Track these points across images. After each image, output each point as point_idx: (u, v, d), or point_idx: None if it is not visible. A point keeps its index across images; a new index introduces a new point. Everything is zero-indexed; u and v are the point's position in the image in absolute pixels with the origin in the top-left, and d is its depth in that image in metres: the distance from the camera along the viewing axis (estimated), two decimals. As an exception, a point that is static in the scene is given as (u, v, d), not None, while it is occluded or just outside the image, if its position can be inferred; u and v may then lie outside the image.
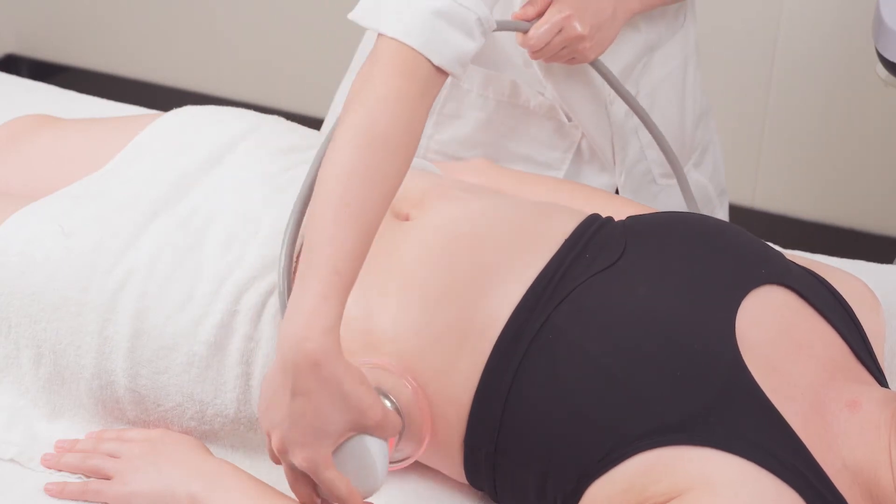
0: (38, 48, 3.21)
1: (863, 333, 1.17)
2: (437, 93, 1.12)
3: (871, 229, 2.57)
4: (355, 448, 1.04)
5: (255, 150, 1.34)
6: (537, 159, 1.52)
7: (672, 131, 1.53)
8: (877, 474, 1.06)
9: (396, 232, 1.22)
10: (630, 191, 1.56)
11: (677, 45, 1.54)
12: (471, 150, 1.52)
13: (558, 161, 1.51)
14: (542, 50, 1.35)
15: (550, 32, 1.33)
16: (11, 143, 1.49)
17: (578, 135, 1.50)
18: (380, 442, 1.05)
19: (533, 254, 1.17)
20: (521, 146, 1.51)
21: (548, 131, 1.50)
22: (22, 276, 1.24)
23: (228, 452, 1.23)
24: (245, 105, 1.61)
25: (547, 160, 1.51)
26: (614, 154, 1.52)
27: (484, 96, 1.49)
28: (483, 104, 1.49)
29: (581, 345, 1.09)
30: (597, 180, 1.53)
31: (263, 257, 1.22)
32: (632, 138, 1.53)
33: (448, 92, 1.50)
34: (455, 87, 1.49)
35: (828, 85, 2.45)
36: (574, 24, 1.33)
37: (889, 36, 1.45)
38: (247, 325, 1.19)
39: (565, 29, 1.33)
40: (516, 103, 1.49)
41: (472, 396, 1.12)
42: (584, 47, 1.35)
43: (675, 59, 1.54)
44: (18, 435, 1.25)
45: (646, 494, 1.02)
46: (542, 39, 1.34)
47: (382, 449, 1.06)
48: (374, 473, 1.06)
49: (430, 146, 1.53)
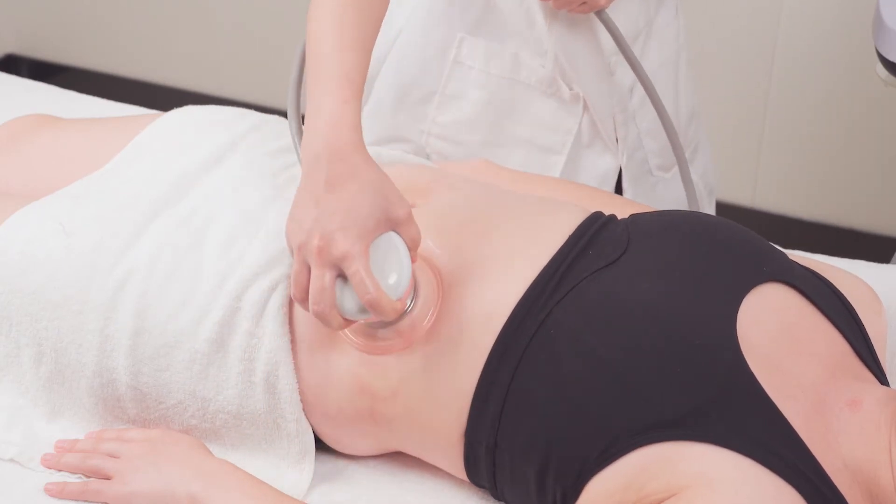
0: (38, 48, 3.21)
1: (864, 333, 1.17)
2: None
3: (871, 229, 2.57)
4: (382, 244, 1.06)
5: (256, 149, 1.34)
6: (538, 142, 1.51)
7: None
8: (877, 473, 1.06)
9: None
10: (630, 177, 1.55)
11: (671, 35, 1.55)
12: (472, 134, 1.52)
13: (559, 144, 1.51)
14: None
15: None
16: (11, 143, 1.49)
17: (580, 111, 1.50)
18: (404, 247, 1.08)
19: (537, 248, 1.18)
20: (522, 128, 1.51)
21: (549, 110, 1.50)
22: (23, 274, 1.24)
23: (229, 451, 1.23)
24: (245, 105, 1.61)
25: (548, 143, 1.51)
26: (616, 130, 1.52)
27: (486, 72, 1.49)
28: (485, 81, 1.50)
29: (582, 340, 1.09)
30: (599, 162, 1.53)
31: (265, 255, 1.22)
32: (630, 123, 1.53)
33: (450, 70, 1.50)
34: (457, 66, 1.49)
35: (828, 85, 2.45)
36: None
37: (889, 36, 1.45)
38: (249, 322, 1.19)
39: None
40: (517, 79, 1.49)
41: (474, 388, 1.12)
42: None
43: (668, 49, 1.55)
44: (18, 435, 1.25)
45: (645, 491, 1.02)
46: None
47: (406, 255, 1.08)
48: (401, 271, 1.07)
49: (432, 130, 1.53)
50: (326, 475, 1.23)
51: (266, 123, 1.40)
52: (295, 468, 1.22)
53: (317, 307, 1.06)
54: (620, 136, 1.53)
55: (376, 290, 1.05)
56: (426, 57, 1.50)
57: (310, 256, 1.05)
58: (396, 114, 1.54)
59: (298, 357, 1.19)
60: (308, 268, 1.07)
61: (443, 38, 1.49)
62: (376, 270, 1.06)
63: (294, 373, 1.19)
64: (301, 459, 1.21)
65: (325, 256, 1.05)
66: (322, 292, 1.06)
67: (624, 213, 1.27)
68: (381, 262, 1.07)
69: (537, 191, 1.37)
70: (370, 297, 1.05)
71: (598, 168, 1.54)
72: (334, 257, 1.05)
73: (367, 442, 1.22)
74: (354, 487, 1.22)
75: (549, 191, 1.38)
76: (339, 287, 1.07)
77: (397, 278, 1.07)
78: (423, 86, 1.52)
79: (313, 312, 1.07)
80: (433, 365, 1.14)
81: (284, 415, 1.20)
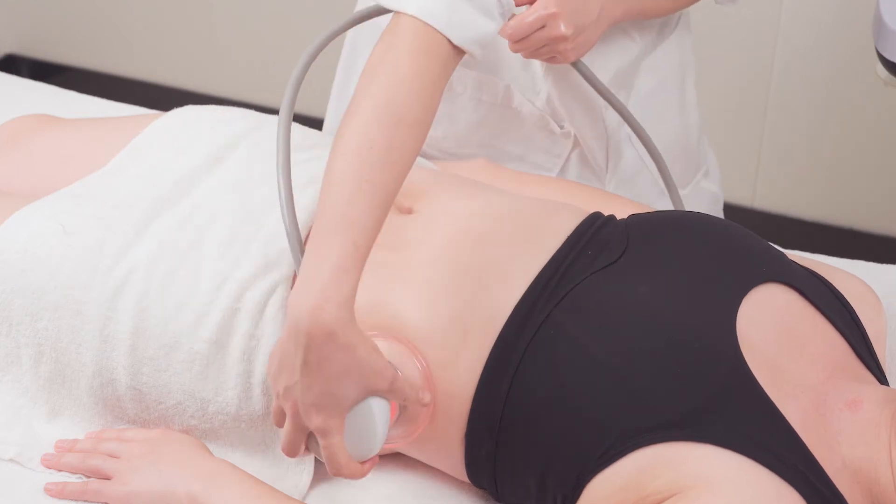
0: (38, 48, 3.21)
1: (864, 333, 1.17)
2: (451, 73, 1.13)
3: (871, 229, 2.57)
4: (359, 411, 1.05)
5: (256, 149, 1.34)
6: (530, 159, 1.51)
7: (679, 143, 1.53)
8: (876, 473, 1.06)
9: (400, 226, 1.23)
10: None
11: (665, 56, 1.52)
12: (464, 148, 1.52)
13: (550, 163, 1.51)
14: (520, 42, 1.31)
15: (532, 26, 1.29)
16: (12, 143, 1.49)
17: (570, 145, 1.49)
18: (384, 408, 1.06)
19: (535, 250, 1.18)
20: (513, 146, 1.51)
21: (539, 138, 1.50)
22: (23, 274, 1.24)
23: (228, 451, 1.23)
24: (245, 105, 1.61)
25: (539, 161, 1.51)
26: (608, 162, 1.51)
27: (476, 99, 1.49)
28: (475, 107, 1.49)
29: (582, 341, 1.09)
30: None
31: (265, 256, 1.22)
32: (627, 148, 1.52)
33: None
34: (448, 90, 1.48)
35: (827, 85, 2.45)
36: (559, 23, 1.29)
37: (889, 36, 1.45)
38: (248, 322, 1.19)
39: (549, 26, 1.29)
40: (509, 105, 1.48)
41: (474, 391, 1.12)
42: (565, 48, 1.32)
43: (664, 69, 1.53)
44: (18, 435, 1.25)
45: (645, 491, 1.02)
46: (520, 30, 1.29)
47: (385, 416, 1.07)
48: (373, 439, 1.07)
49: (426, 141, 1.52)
50: (326, 475, 1.23)
51: (266, 123, 1.40)
52: (295, 468, 1.22)
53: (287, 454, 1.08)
54: (612, 165, 1.51)
55: (346, 464, 1.06)
56: None
57: (286, 408, 1.05)
58: None
59: (298, 358, 1.19)
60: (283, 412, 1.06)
61: None
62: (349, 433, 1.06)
63: (294, 373, 1.19)
64: (301, 460, 1.21)
65: (299, 422, 1.05)
66: (292, 446, 1.07)
67: (623, 213, 1.27)
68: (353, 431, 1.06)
69: (537, 190, 1.37)
70: (338, 468, 1.06)
71: None
72: (309, 426, 1.05)
73: (367, 443, 1.22)
74: (354, 487, 1.22)
75: (549, 190, 1.38)
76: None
77: (368, 445, 1.07)
78: None
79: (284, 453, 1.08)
80: (434, 368, 1.14)
81: (284, 415, 1.20)
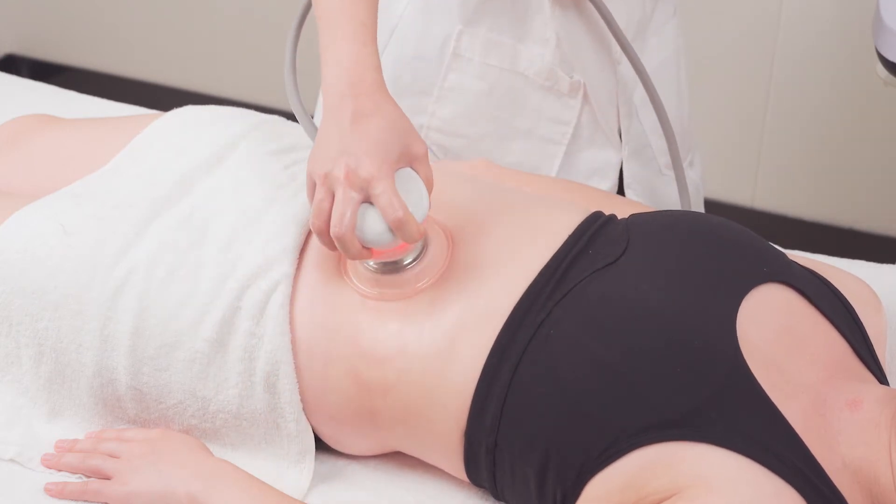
0: (38, 48, 3.21)
1: (864, 333, 1.17)
2: None
3: (871, 229, 2.57)
4: (403, 177, 1.10)
5: (256, 149, 1.34)
6: (539, 132, 1.51)
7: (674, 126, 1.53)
8: (876, 473, 1.06)
9: None
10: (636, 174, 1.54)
11: (670, 32, 1.54)
12: (471, 127, 1.52)
13: (559, 134, 1.51)
14: None
15: None
16: (12, 143, 1.49)
17: (579, 104, 1.49)
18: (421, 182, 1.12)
19: (536, 247, 1.18)
20: (521, 119, 1.51)
21: (548, 103, 1.50)
22: (23, 274, 1.24)
23: (229, 451, 1.23)
24: (245, 105, 1.61)
25: (548, 133, 1.51)
26: (619, 121, 1.52)
27: (485, 63, 1.49)
28: (484, 72, 1.49)
29: (582, 340, 1.09)
30: (600, 155, 1.52)
31: (265, 255, 1.22)
32: (634, 118, 1.52)
33: (449, 63, 1.50)
34: (456, 58, 1.49)
35: (828, 85, 2.45)
36: None
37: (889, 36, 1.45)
38: (249, 321, 1.19)
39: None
40: (516, 70, 1.48)
41: (474, 388, 1.12)
42: None
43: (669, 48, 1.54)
44: (18, 435, 1.25)
45: (645, 491, 1.03)
46: None
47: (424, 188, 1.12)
48: (421, 199, 1.11)
49: (432, 123, 1.52)
50: (326, 475, 1.23)
51: (266, 123, 1.40)
52: (295, 468, 1.22)
53: (337, 229, 1.09)
54: (623, 128, 1.52)
55: (403, 210, 1.08)
56: (425, 50, 1.50)
57: (336, 182, 1.09)
58: None
59: (298, 357, 1.19)
60: (332, 195, 1.09)
61: (441, 31, 1.49)
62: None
63: (294, 373, 1.19)
64: (301, 459, 1.21)
65: (353, 178, 1.08)
66: (344, 215, 1.08)
67: (624, 213, 1.27)
68: (403, 191, 1.10)
69: (537, 191, 1.37)
70: (397, 215, 1.08)
71: (598, 160, 1.53)
72: (362, 179, 1.08)
73: (367, 442, 1.22)
74: (354, 487, 1.22)
75: (550, 191, 1.38)
76: (361, 214, 1.10)
77: (420, 203, 1.11)
78: (422, 78, 1.51)
79: (334, 235, 1.09)
80: (432, 363, 1.14)
81: (284, 415, 1.20)
